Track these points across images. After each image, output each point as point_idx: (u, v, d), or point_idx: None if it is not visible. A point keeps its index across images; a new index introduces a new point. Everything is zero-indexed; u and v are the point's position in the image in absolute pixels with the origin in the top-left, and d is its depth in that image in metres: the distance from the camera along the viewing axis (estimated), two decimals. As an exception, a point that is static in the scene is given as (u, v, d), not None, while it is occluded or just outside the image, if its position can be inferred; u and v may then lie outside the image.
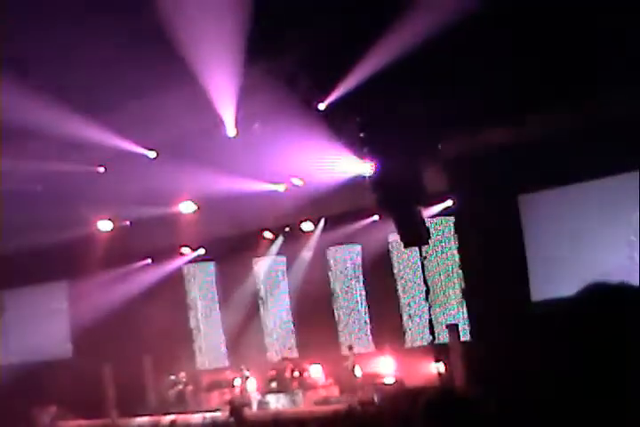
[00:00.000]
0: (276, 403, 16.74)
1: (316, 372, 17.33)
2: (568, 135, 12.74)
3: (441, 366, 14.84)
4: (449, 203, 15.45)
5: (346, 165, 14.38)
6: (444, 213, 15.70)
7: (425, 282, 15.51)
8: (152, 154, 15.33)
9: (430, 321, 15.33)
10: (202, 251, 19.00)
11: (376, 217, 16.28)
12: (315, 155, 14.13)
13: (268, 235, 18.31)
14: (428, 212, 14.98)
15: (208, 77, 12.19)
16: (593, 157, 12.65)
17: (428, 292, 15.62)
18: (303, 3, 10.79)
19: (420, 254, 14.95)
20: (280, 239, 18.38)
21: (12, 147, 13.77)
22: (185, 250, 19.05)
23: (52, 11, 10.08)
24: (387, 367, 16.73)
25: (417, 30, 10.67)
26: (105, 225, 17.95)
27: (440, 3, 10.43)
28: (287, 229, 18.08)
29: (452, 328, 14.89)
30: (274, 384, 17.23)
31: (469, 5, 10.05)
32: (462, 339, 14.69)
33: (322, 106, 12.97)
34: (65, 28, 10.51)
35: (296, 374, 17.13)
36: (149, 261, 19.18)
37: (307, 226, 17.67)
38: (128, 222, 18.19)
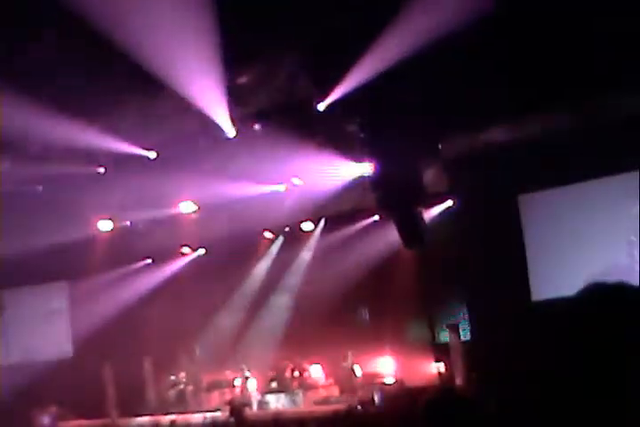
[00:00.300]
0: (276, 403, 16.74)
1: (316, 372, 17.33)
2: (568, 135, 12.75)
3: (441, 366, 14.86)
4: (449, 203, 15.46)
5: (346, 165, 14.38)
6: (445, 213, 15.71)
7: (425, 282, 15.52)
8: (152, 154, 15.33)
9: (430, 321, 15.36)
10: (202, 251, 19.01)
11: (376, 217, 16.28)
12: (315, 155, 14.13)
13: (268, 235, 18.33)
14: (429, 212, 14.99)
15: (208, 78, 12.17)
16: (593, 157, 12.67)
17: (428, 292, 15.65)
18: (303, 2, 10.78)
19: (421, 254, 14.95)
20: (280, 239, 18.40)
21: (13, 149, 13.78)
22: (185, 250, 19.07)
23: (49, 17, 10.07)
24: (387, 367, 16.73)
25: (417, 31, 10.66)
26: (105, 225, 17.91)
27: (440, 4, 10.43)
28: (287, 229, 18.09)
29: (452, 328, 14.91)
30: (274, 384, 17.24)
31: (469, 6, 10.05)
32: (462, 339, 14.70)
33: (321, 106, 12.94)
34: (65, 32, 10.50)
35: (296, 374, 17.14)
36: (150, 261, 19.19)
37: (307, 226, 17.68)
38: (128, 222, 18.18)
